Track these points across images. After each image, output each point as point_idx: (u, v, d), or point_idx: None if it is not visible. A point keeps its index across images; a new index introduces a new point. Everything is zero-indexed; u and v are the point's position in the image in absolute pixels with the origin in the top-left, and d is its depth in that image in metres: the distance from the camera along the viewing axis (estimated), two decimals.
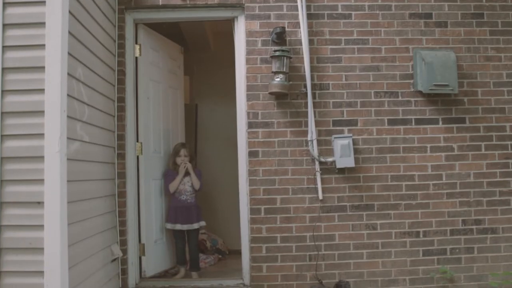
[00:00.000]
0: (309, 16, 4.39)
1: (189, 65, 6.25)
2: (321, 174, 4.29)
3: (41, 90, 2.90)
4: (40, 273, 2.82)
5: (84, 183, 3.43)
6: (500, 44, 4.46)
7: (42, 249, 2.83)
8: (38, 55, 2.93)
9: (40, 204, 2.86)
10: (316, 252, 4.24)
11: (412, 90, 4.39)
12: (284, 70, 4.20)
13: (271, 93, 4.28)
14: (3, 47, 2.96)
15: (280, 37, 4.32)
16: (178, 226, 4.82)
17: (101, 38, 3.86)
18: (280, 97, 4.34)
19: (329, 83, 4.38)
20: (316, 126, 4.31)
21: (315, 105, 4.33)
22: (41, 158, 2.87)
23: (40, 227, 2.84)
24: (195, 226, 4.87)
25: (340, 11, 4.43)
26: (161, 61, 5.08)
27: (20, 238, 2.88)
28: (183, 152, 4.92)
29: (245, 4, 4.41)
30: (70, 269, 2.96)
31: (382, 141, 4.35)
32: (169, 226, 4.85)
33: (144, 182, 4.59)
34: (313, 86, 4.34)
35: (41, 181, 2.86)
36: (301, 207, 4.28)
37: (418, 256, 4.29)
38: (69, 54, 3.06)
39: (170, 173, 4.90)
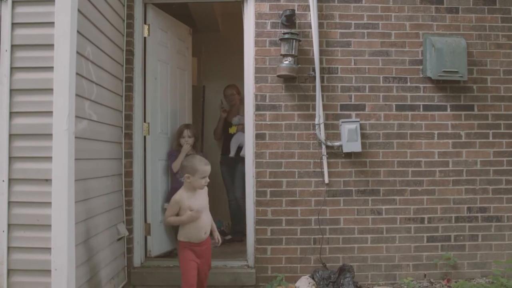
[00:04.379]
0: None
1: (197, 47, 6.23)
2: (327, 158, 4.29)
3: (50, 68, 2.90)
4: (47, 249, 2.86)
5: (92, 161, 3.45)
6: (511, 32, 4.42)
7: (50, 226, 2.86)
8: (47, 33, 2.93)
9: (48, 181, 2.88)
10: (320, 236, 4.26)
11: (421, 76, 4.37)
12: (293, 53, 4.18)
13: (279, 76, 4.27)
14: (13, 24, 2.95)
15: (289, 20, 4.30)
16: None
17: (110, 17, 3.84)
18: (288, 80, 4.33)
19: (337, 67, 4.36)
20: (323, 110, 4.30)
21: (323, 89, 4.32)
22: (49, 135, 2.88)
23: (48, 204, 2.86)
24: None
25: None
26: (169, 42, 5.06)
27: (28, 215, 2.90)
28: (186, 133, 4.89)
29: None
30: (76, 246, 3.00)
31: (390, 126, 4.34)
32: (166, 206, 4.83)
33: (151, 162, 4.61)
34: (322, 70, 4.32)
35: (49, 158, 2.88)
36: (307, 191, 4.30)
37: (422, 242, 4.31)
38: (78, 32, 3.05)
39: (174, 153, 4.88)
